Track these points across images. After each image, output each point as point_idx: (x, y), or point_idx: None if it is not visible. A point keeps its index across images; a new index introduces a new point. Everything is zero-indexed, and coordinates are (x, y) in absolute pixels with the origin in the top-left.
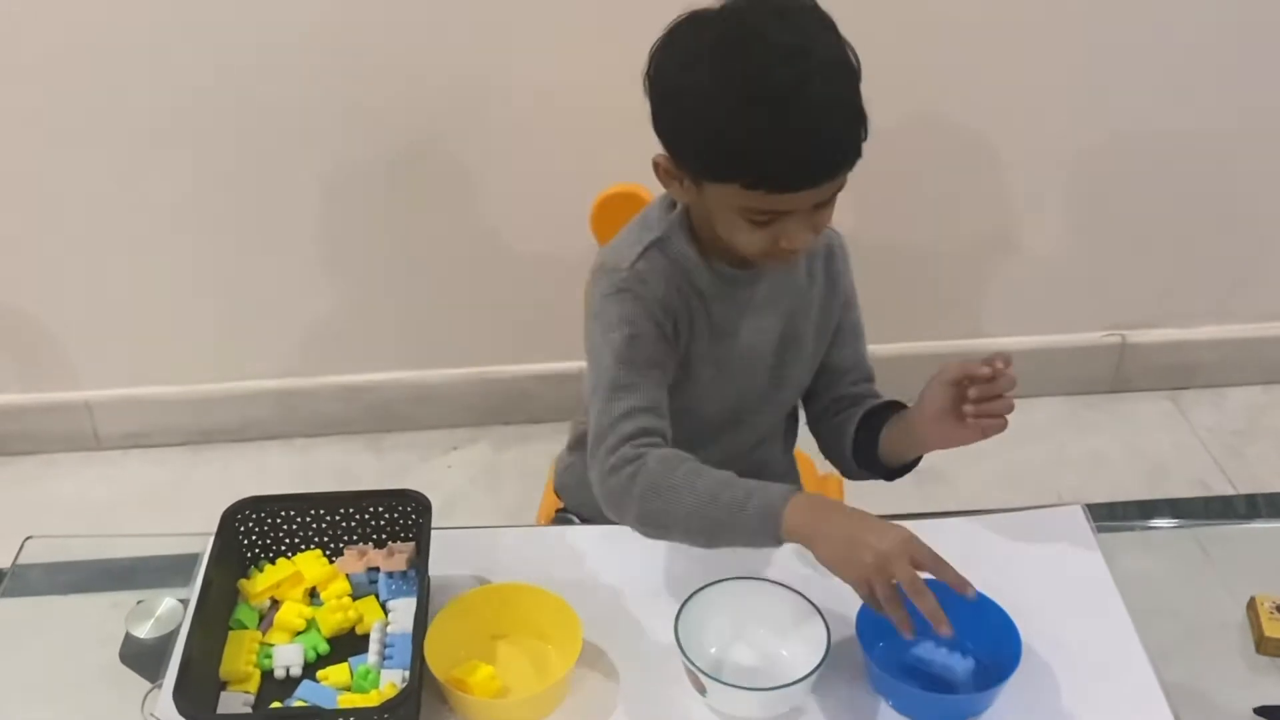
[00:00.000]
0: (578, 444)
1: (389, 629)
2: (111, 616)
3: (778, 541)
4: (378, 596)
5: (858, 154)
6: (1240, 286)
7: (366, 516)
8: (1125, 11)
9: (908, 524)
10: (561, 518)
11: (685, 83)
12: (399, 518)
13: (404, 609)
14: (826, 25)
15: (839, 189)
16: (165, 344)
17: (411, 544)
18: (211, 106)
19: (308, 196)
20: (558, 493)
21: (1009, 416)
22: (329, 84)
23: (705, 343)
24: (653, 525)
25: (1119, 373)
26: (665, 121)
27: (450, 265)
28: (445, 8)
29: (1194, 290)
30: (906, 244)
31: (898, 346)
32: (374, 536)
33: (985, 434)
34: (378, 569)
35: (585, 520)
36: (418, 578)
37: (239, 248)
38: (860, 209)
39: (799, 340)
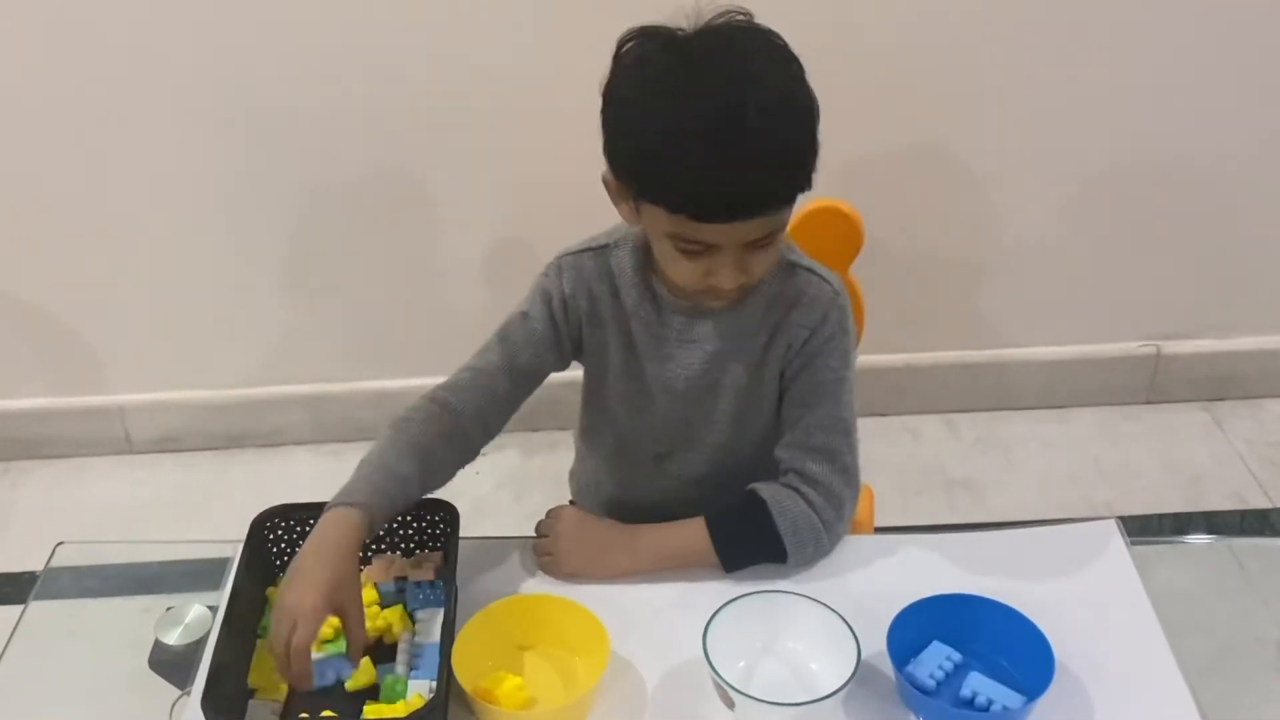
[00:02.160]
0: (577, 441)
1: (416, 638)
2: (141, 622)
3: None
4: (405, 606)
5: (788, 197)
6: (1278, 296)
7: (395, 525)
8: (1164, 18)
9: (937, 537)
10: None
11: (626, 96)
12: (427, 527)
13: (432, 619)
14: (782, 60)
15: (774, 229)
16: (197, 349)
17: (440, 553)
18: (242, 114)
19: (339, 203)
20: (571, 490)
21: (1048, 427)
22: (345, 92)
23: (620, 357)
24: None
25: (1154, 384)
26: (607, 134)
27: (480, 271)
28: (456, 12)
29: (1230, 301)
30: (942, 255)
31: (932, 356)
32: (402, 545)
33: None
34: (405, 578)
35: None
36: (446, 588)
37: (270, 254)
38: (896, 221)
39: (723, 385)
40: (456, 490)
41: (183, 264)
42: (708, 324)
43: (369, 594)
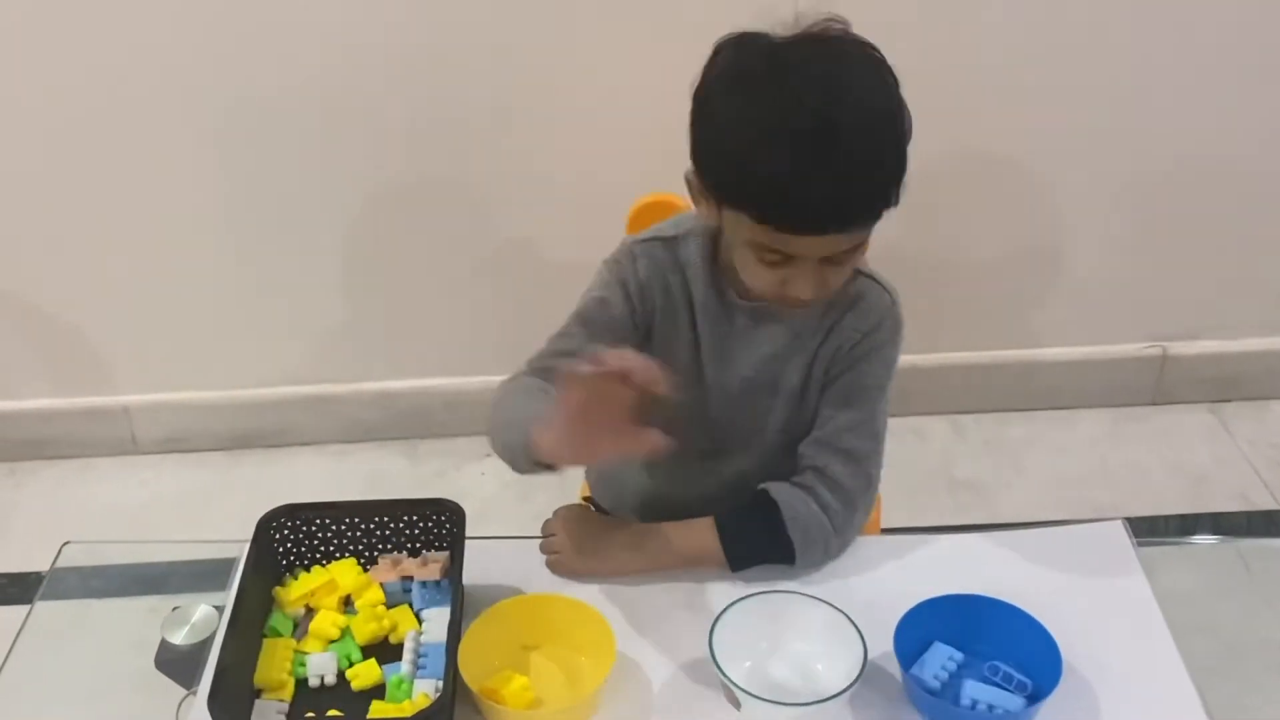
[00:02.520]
0: None
1: (423, 638)
2: (147, 621)
3: (531, 458)
4: (412, 606)
5: (874, 213)
6: None
7: (401, 525)
8: (1172, 29)
9: (944, 537)
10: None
11: (717, 104)
12: (433, 527)
13: (438, 618)
14: (878, 72)
15: (856, 246)
16: (203, 349)
17: (446, 553)
18: (248, 113)
19: (344, 204)
20: (589, 484)
21: (1054, 428)
22: (364, 92)
23: (684, 352)
24: (491, 435)
25: (1160, 385)
26: (695, 138)
27: (486, 272)
28: (484, 18)
29: (1236, 302)
30: (948, 256)
31: (938, 357)
32: (408, 545)
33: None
34: (411, 578)
35: (604, 512)
36: (452, 587)
37: (276, 254)
38: (902, 222)
39: (779, 387)
40: (462, 490)
41: (188, 264)
42: (771, 326)
43: (375, 594)
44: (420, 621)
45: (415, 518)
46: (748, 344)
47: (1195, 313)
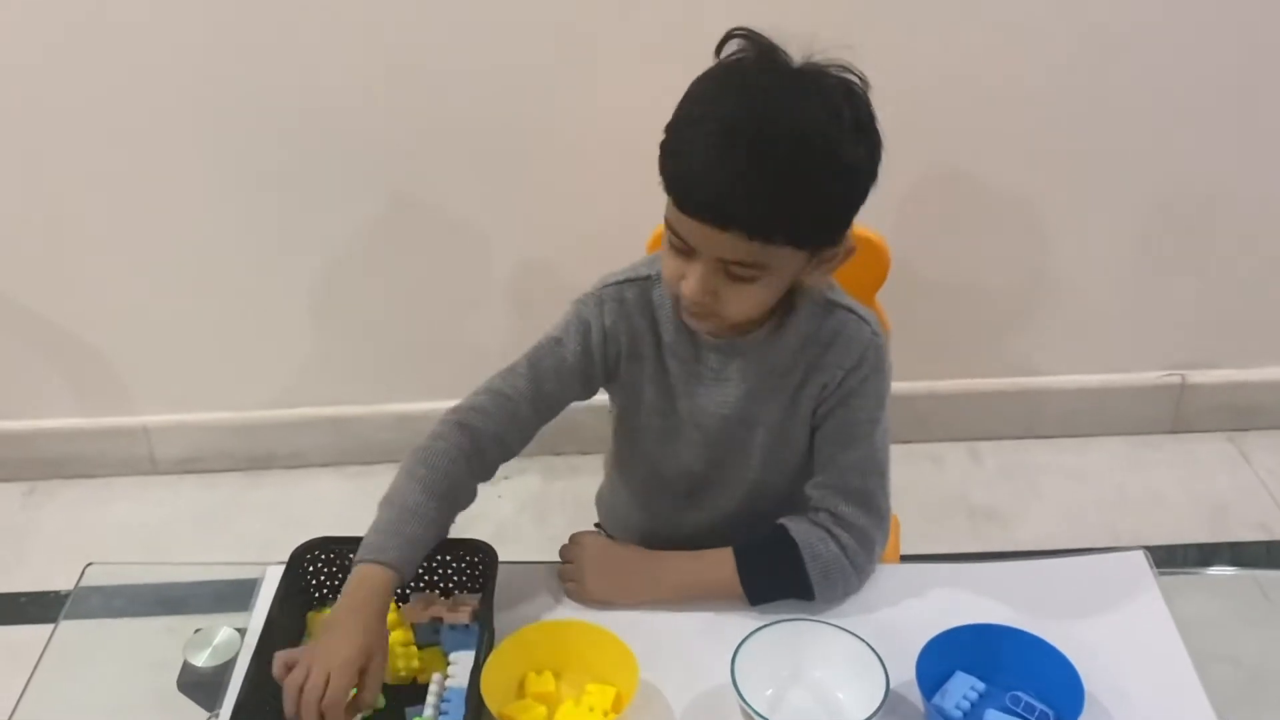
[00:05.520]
0: (607, 468)
1: (448, 683)
2: (169, 641)
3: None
4: (441, 647)
5: (774, 226)
6: None
7: (434, 564)
8: (1190, 53)
9: (965, 566)
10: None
11: (697, 79)
12: (466, 567)
13: (465, 662)
14: (844, 117)
15: (751, 262)
16: (221, 370)
17: (477, 596)
18: (270, 135)
19: (364, 228)
20: (598, 512)
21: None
22: (386, 116)
23: (654, 393)
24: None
25: (1178, 413)
26: None
27: (506, 294)
28: (504, 40)
29: (1254, 330)
30: (965, 282)
31: (955, 384)
32: (440, 585)
33: None
34: (441, 619)
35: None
36: (481, 631)
37: (296, 276)
38: (921, 248)
39: (757, 423)
40: (479, 513)
41: (208, 286)
42: (742, 361)
43: (405, 633)
44: (448, 664)
45: (448, 557)
46: (719, 381)
47: (1214, 341)
